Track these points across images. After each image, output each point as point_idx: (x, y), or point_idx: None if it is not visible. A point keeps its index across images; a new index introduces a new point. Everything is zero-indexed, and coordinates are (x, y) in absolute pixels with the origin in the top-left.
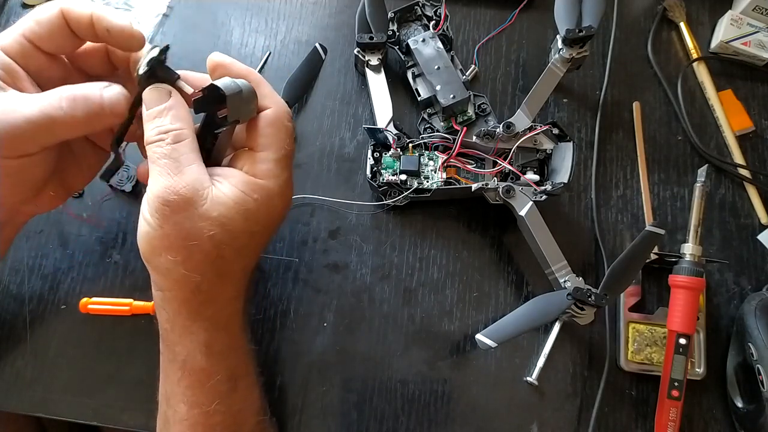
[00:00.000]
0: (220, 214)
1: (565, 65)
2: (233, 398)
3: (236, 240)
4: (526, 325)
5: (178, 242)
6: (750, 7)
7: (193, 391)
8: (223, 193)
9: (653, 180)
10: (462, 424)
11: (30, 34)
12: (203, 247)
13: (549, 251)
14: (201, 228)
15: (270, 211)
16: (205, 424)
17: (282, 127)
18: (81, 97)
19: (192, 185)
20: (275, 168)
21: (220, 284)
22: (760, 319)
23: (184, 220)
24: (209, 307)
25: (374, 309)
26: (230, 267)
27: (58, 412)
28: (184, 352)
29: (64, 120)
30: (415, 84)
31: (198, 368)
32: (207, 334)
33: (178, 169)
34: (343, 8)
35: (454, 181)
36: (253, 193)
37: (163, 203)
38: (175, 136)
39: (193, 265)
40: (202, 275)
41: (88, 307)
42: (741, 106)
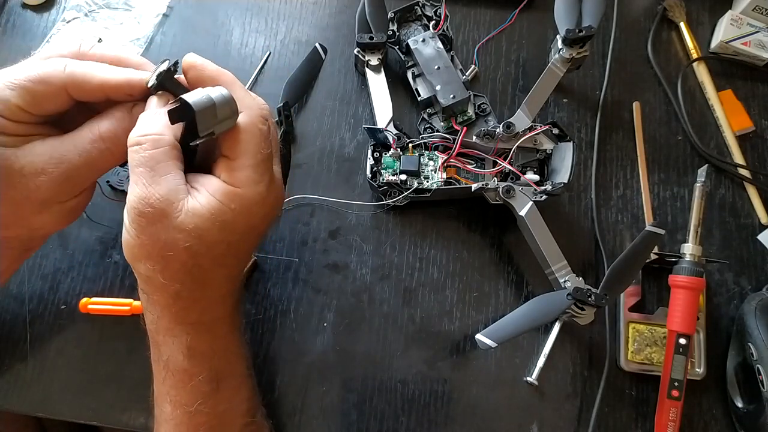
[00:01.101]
0: (195, 226)
1: (565, 65)
2: (217, 399)
3: (212, 250)
4: (526, 325)
5: (155, 252)
6: (750, 7)
7: (176, 390)
8: (200, 203)
9: (653, 180)
10: (462, 424)
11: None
12: (180, 258)
13: (549, 251)
14: (176, 239)
15: (249, 219)
16: (189, 423)
17: (256, 131)
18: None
19: (166, 197)
20: (253, 174)
21: (201, 290)
22: (760, 319)
23: (160, 232)
24: (191, 311)
25: (374, 309)
26: (209, 275)
27: (58, 412)
28: (168, 352)
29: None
30: (415, 84)
31: (180, 369)
32: (189, 336)
33: (153, 179)
34: (343, 8)
35: (454, 181)
36: (231, 203)
37: (138, 214)
38: (154, 142)
39: (171, 274)
40: (180, 284)
41: (88, 307)
42: (741, 106)
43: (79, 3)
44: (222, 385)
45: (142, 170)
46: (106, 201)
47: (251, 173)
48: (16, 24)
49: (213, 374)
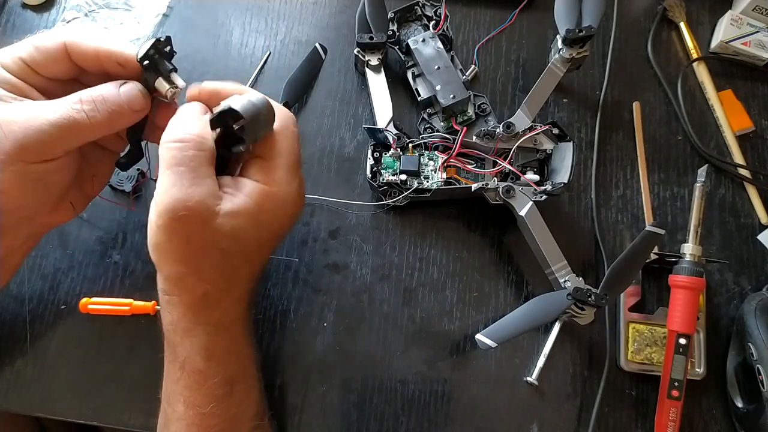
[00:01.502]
0: (233, 228)
1: (565, 65)
2: (229, 402)
3: (245, 248)
4: (526, 325)
5: (189, 255)
6: (750, 7)
7: (190, 391)
8: (237, 205)
9: (653, 180)
10: (462, 424)
11: (29, 59)
12: (214, 259)
13: (549, 251)
14: (213, 242)
15: (282, 218)
16: (201, 425)
17: (290, 134)
18: (99, 98)
19: (204, 201)
20: (287, 175)
21: (228, 290)
22: (760, 319)
23: (195, 235)
24: (214, 311)
25: (374, 309)
26: (238, 273)
27: (58, 412)
28: (184, 353)
29: (86, 122)
30: (415, 84)
31: (196, 370)
32: (208, 337)
33: (192, 180)
34: (343, 8)
35: (454, 181)
36: (267, 202)
37: (174, 218)
38: (199, 144)
39: (203, 275)
40: (211, 284)
41: (88, 307)
42: (741, 106)
43: (79, 3)
44: (235, 388)
45: (184, 170)
46: (106, 202)
47: (285, 173)
48: (16, 24)
49: (228, 377)
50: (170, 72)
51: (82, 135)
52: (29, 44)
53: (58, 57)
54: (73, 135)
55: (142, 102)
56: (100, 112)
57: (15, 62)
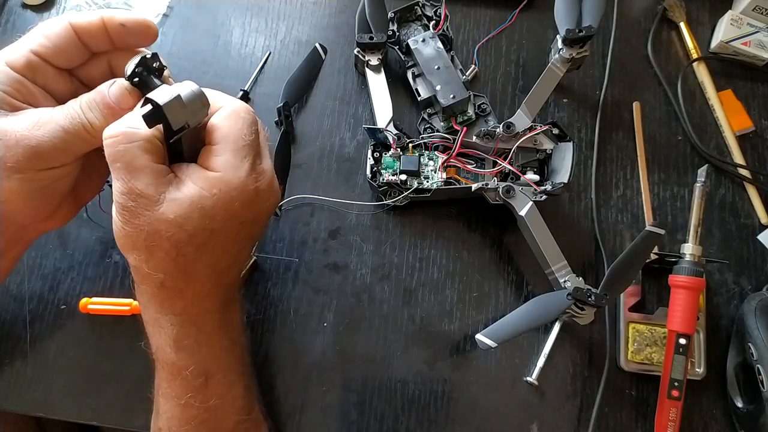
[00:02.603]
0: (176, 216)
1: (565, 65)
2: (206, 393)
3: (195, 238)
4: (526, 325)
5: (140, 243)
6: (750, 7)
7: (167, 383)
8: (181, 192)
9: (653, 180)
10: (462, 424)
11: (39, 49)
12: (163, 247)
13: (549, 251)
14: (159, 230)
15: (229, 204)
16: (180, 417)
17: (238, 118)
18: (93, 102)
19: (142, 191)
20: (232, 159)
21: (185, 281)
22: (760, 319)
23: (142, 224)
24: (177, 302)
25: (374, 309)
26: (193, 265)
27: (58, 412)
28: (156, 343)
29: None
30: (415, 84)
31: (168, 361)
32: (174, 328)
33: (130, 173)
34: (343, 8)
35: (454, 181)
36: (211, 187)
37: (122, 208)
38: (127, 136)
39: (155, 263)
40: (164, 273)
41: (88, 307)
42: (741, 106)
43: (79, 3)
44: (211, 380)
45: (119, 165)
46: (106, 202)
47: (231, 158)
48: (16, 24)
49: (201, 369)
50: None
51: (89, 140)
52: (38, 35)
53: (67, 39)
54: (81, 140)
55: (129, 99)
56: (98, 117)
57: (25, 57)
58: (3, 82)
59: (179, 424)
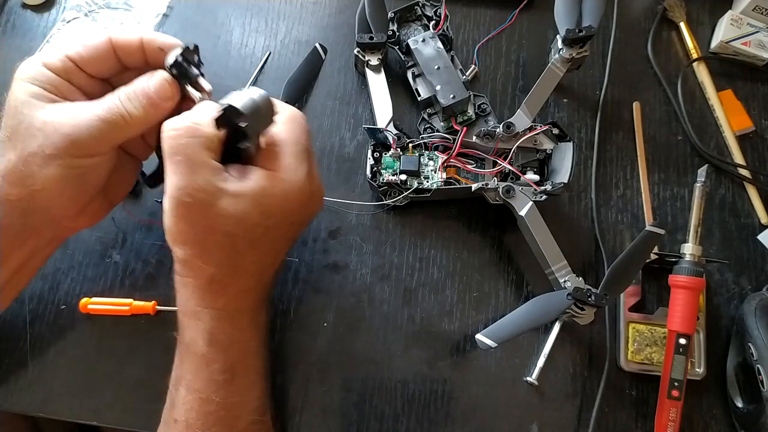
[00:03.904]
0: (236, 211)
1: (565, 65)
2: (229, 390)
3: (249, 233)
4: (526, 325)
5: (194, 237)
6: (750, 7)
7: (192, 375)
8: (240, 188)
9: (653, 180)
10: (462, 424)
11: (75, 56)
12: (218, 241)
13: (549, 251)
14: (216, 225)
15: (286, 204)
16: (199, 410)
17: (296, 123)
18: (132, 93)
19: (203, 187)
20: (292, 161)
21: (233, 276)
22: (760, 319)
23: (200, 219)
24: (220, 297)
25: (374, 309)
26: (244, 260)
27: (58, 412)
28: (190, 335)
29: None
30: (415, 84)
31: (199, 353)
32: (212, 322)
33: (190, 168)
34: (343, 8)
35: (454, 181)
36: (272, 187)
37: (178, 204)
38: (191, 131)
39: (208, 257)
40: (216, 267)
41: (88, 307)
42: (741, 106)
43: (79, 3)
44: (236, 377)
45: (180, 159)
46: None
47: (291, 160)
48: (16, 24)
49: (228, 365)
50: (197, 77)
51: (127, 130)
52: (78, 42)
53: (105, 52)
54: (119, 130)
55: (169, 91)
56: (136, 107)
57: (62, 60)
58: (40, 80)
59: (197, 416)
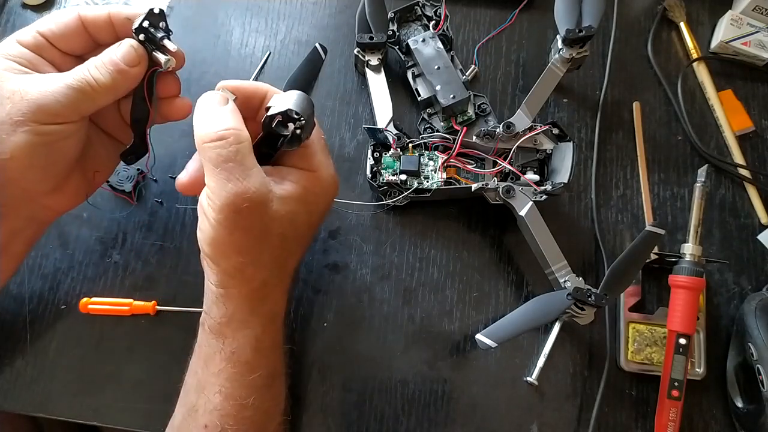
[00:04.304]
0: (288, 212)
1: (565, 65)
2: (267, 395)
3: (299, 231)
4: (526, 325)
5: (249, 244)
6: (750, 7)
7: (232, 383)
8: (287, 191)
9: (653, 180)
10: (462, 424)
11: (46, 32)
12: (273, 244)
13: (549, 251)
14: (271, 228)
15: (326, 199)
16: (237, 416)
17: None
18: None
19: (259, 190)
20: (324, 158)
21: (280, 276)
22: (760, 319)
23: (255, 224)
24: (267, 301)
25: (374, 309)
26: (290, 259)
27: (58, 412)
28: (235, 344)
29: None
30: (415, 84)
31: (244, 361)
32: (261, 329)
33: (244, 173)
34: (343, 8)
35: (454, 181)
36: (313, 186)
37: (235, 211)
38: (237, 137)
39: (263, 263)
40: (269, 271)
41: (88, 307)
42: (741, 106)
43: (78, 3)
44: (275, 381)
45: (232, 165)
46: (106, 201)
47: (323, 158)
48: (16, 24)
49: (271, 370)
50: (162, 39)
51: (94, 97)
52: (48, 19)
53: (74, 28)
54: (87, 97)
55: (135, 57)
56: (103, 74)
57: (33, 36)
58: (12, 53)
59: (234, 421)
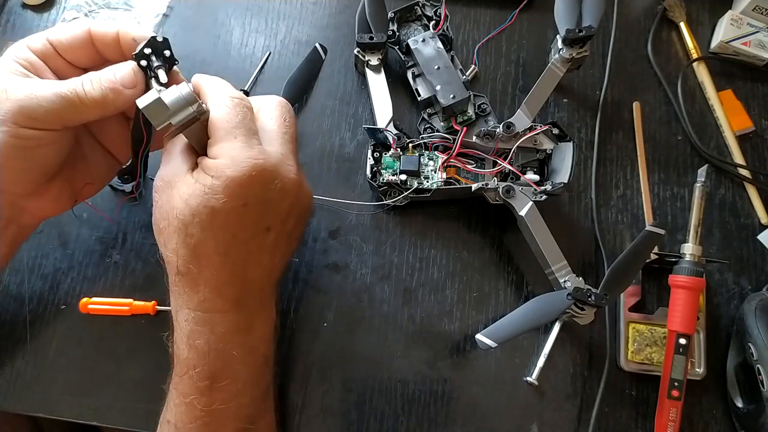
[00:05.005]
0: (184, 193)
1: (565, 65)
2: (210, 397)
3: (196, 216)
4: (526, 325)
5: (161, 224)
6: (750, 7)
7: (179, 378)
8: (191, 175)
9: (653, 180)
10: (462, 424)
11: (55, 41)
12: (174, 225)
13: (549, 251)
14: (173, 207)
15: (227, 182)
16: (186, 413)
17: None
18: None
19: (172, 171)
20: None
21: (196, 266)
22: (760, 319)
23: (165, 203)
24: (192, 295)
25: (374, 309)
26: (200, 247)
27: (58, 412)
28: (174, 337)
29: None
30: (415, 84)
31: (180, 357)
32: (189, 325)
33: (168, 159)
34: (343, 8)
35: (454, 181)
36: (209, 170)
37: (155, 190)
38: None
39: (171, 245)
40: (176, 255)
41: (88, 307)
42: (741, 106)
43: (79, 3)
44: (216, 384)
45: (164, 154)
46: (106, 202)
47: (222, 142)
48: (16, 24)
49: (207, 372)
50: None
51: (81, 109)
52: (59, 29)
53: (83, 41)
54: (73, 108)
55: (132, 79)
56: (95, 89)
57: (42, 42)
58: (19, 56)
59: (184, 420)
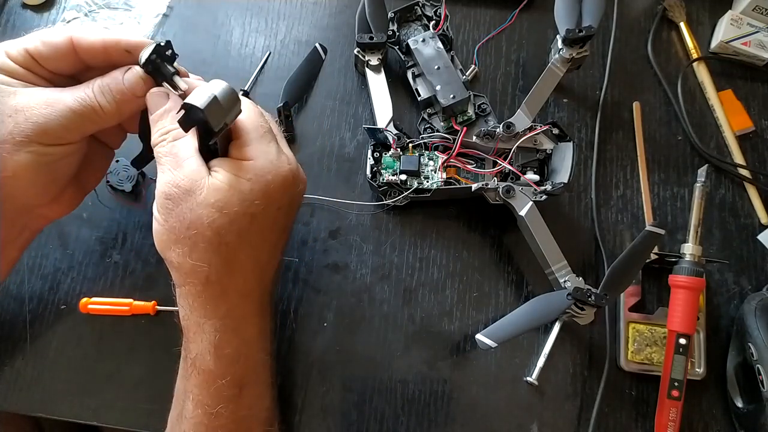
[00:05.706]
0: (216, 200)
1: (565, 65)
2: (238, 404)
3: (235, 223)
4: (526, 325)
5: (182, 233)
6: (750, 7)
7: (200, 390)
8: (218, 179)
9: (653, 180)
10: (462, 424)
11: (34, 51)
12: (205, 235)
13: (549, 251)
14: (201, 216)
15: (266, 188)
16: (209, 425)
17: (251, 109)
18: (106, 87)
19: (189, 177)
20: (259, 146)
21: (229, 274)
22: (760, 319)
23: (186, 211)
24: (221, 304)
25: (374, 309)
26: (236, 254)
27: (58, 412)
28: (196, 350)
29: (100, 110)
30: (415, 84)
31: (206, 369)
32: (217, 334)
33: (178, 163)
34: (343, 8)
35: (454, 181)
36: (245, 174)
37: (166, 197)
38: (175, 135)
39: (199, 254)
40: (209, 264)
41: (88, 307)
42: (741, 106)
43: (79, 3)
44: (245, 391)
45: (168, 158)
46: (106, 202)
47: (258, 145)
48: (16, 24)
49: (237, 379)
50: (173, 75)
51: (98, 122)
52: (36, 38)
53: (64, 51)
54: (90, 121)
55: (143, 87)
56: (109, 101)
57: (20, 53)
58: (4, 69)
59: (206, 430)
